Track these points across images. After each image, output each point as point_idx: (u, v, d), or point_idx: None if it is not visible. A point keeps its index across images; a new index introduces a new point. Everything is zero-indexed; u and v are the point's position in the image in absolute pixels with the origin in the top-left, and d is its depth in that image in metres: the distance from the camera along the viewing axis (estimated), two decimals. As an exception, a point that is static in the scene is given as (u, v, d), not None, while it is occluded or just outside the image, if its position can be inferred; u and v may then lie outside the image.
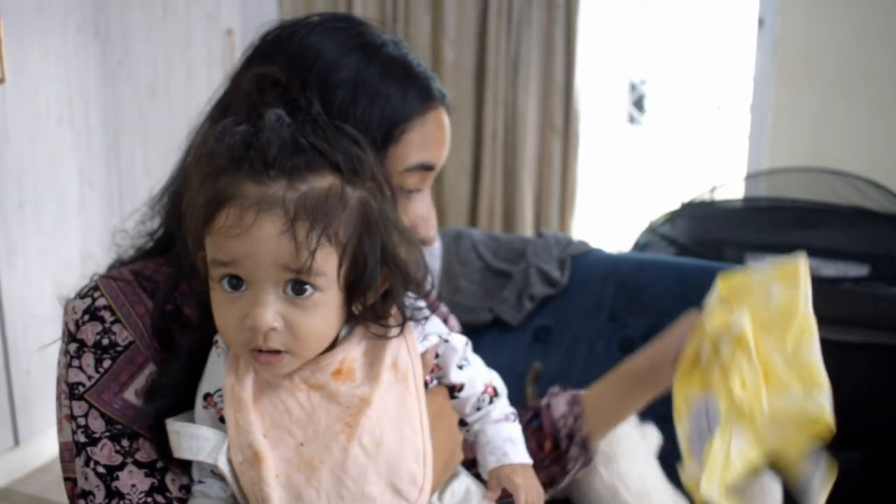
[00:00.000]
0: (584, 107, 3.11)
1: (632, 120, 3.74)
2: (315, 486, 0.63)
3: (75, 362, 0.74)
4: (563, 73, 3.07)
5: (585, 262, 1.50)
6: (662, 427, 1.31)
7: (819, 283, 2.20)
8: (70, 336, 0.75)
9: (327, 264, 0.62)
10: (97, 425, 0.72)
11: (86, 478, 0.72)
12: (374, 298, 0.66)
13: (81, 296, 0.78)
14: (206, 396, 0.68)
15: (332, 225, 0.61)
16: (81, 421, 0.73)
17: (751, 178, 2.65)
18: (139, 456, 0.71)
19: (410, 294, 0.70)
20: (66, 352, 0.76)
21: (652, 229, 2.34)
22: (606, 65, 3.36)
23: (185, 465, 0.72)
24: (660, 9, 3.43)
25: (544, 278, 1.57)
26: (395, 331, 0.68)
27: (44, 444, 2.55)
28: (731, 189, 2.56)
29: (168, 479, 0.72)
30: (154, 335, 0.74)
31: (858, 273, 2.16)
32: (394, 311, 0.69)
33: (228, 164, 0.62)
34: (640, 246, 2.30)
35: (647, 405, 1.34)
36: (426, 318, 0.72)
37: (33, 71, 2.40)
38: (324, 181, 0.62)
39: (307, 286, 0.62)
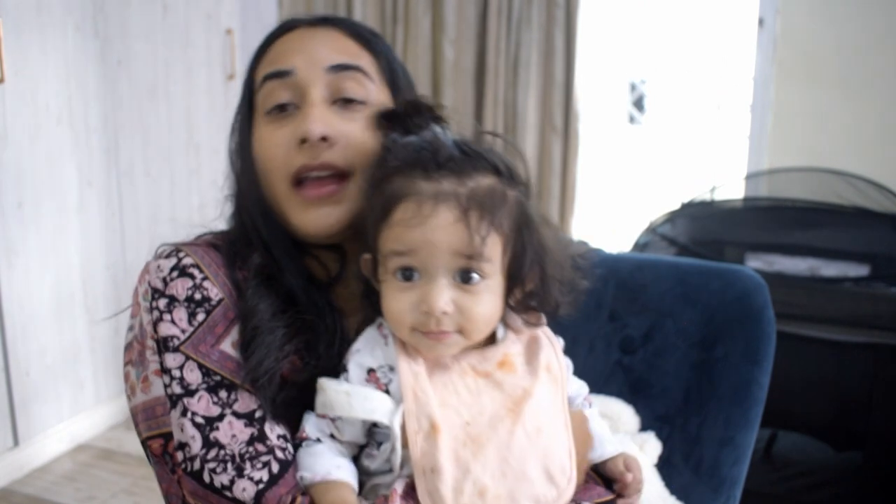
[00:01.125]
0: (584, 107, 3.10)
1: (632, 120, 3.74)
2: (482, 462, 0.69)
3: (166, 316, 0.76)
4: (563, 73, 3.06)
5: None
6: (661, 429, 1.30)
7: (819, 284, 2.21)
8: (157, 292, 0.78)
9: (494, 251, 0.70)
10: (194, 377, 0.74)
11: (182, 429, 0.73)
12: (529, 289, 0.74)
13: (164, 256, 0.81)
14: (370, 371, 0.73)
15: (498, 216, 0.70)
16: (176, 373, 0.74)
17: (751, 177, 2.65)
18: (238, 407, 0.74)
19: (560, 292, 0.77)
20: (151, 308, 0.77)
21: (652, 229, 2.34)
22: (606, 65, 3.36)
23: (282, 417, 0.75)
24: (660, 9, 3.42)
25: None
26: (544, 320, 0.78)
27: (43, 444, 2.55)
28: (731, 189, 2.56)
29: (267, 427, 0.74)
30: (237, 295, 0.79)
31: (859, 273, 2.16)
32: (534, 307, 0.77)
33: (403, 167, 0.72)
34: (640, 246, 2.30)
35: (647, 404, 1.34)
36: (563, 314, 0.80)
37: (32, 71, 2.39)
38: (486, 180, 0.72)
39: (474, 273, 0.69)
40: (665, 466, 1.27)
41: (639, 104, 3.65)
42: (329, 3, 3.36)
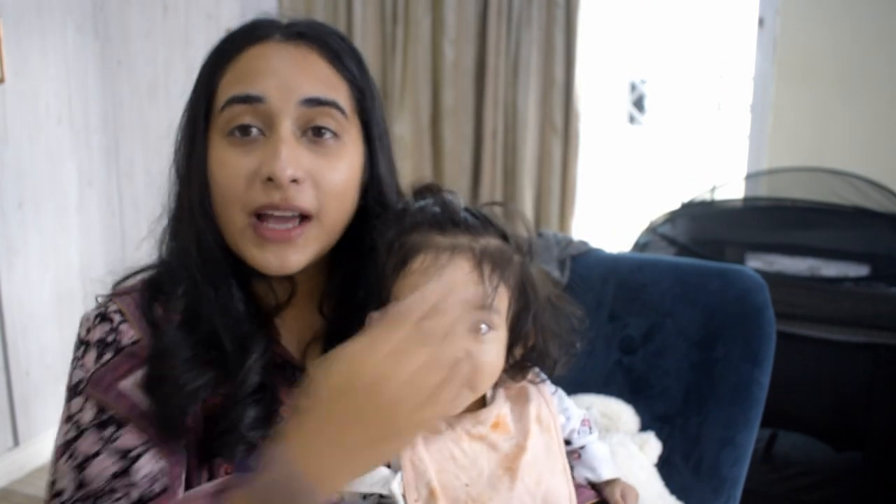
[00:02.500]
0: (584, 107, 3.10)
1: (632, 120, 3.74)
2: None
3: (78, 363, 0.77)
4: (563, 72, 3.06)
5: (585, 262, 1.49)
6: (661, 429, 1.30)
7: (819, 284, 2.20)
8: (80, 342, 0.79)
9: (502, 304, 0.74)
10: (88, 416, 0.74)
11: (63, 476, 0.73)
12: (530, 345, 0.78)
13: (95, 307, 0.82)
14: None
15: (507, 270, 0.75)
16: (76, 416, 0.74)
17: (751, 177, 2.65)
18: (118, 443, 0.73)
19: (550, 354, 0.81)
20: (73, 359, 0.78)
21: (652, 229, 2.34)
22: (606, 65, 3.36)
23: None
24: (660, 9, 3.42)
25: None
26: (540, 379, 0.80)
27: (43, 444, 2.55)
28: (731, 189, 2.55)
29: (138, 464, 0.72)
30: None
31: (859, 273, 2.16)
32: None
33: (420, 225, 0.77)
34: (640, 246, 2.30)
35: (647, 404, 1.34)
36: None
37: (33, 71, 2.39)
38: (494, 240, 0.77)
39: (483, 325, 0.73)
40: (665, 466, 1.27)
41: (639, 104, 3.64)
42: (329, 2, 3.36)
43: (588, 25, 3.05)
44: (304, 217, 0.76)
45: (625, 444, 1.24)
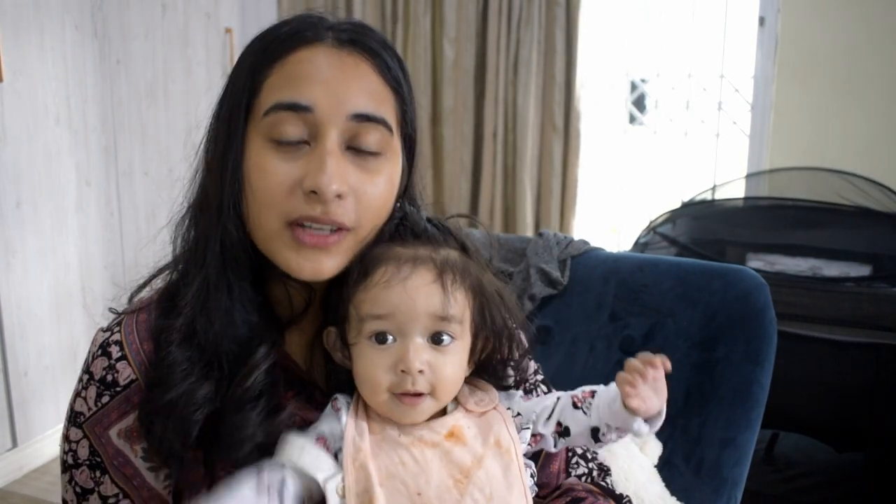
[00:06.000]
0: (585, 106, 3.10)
1: (632, 120, 3.73)
2: None
3: (83, 392, 0.80)
4: (564, 72, 3.06)
5: (586, 262, 1.49)
6: (662, 429, 1.29)
7: (821, 284, 2.20)
8: (86, 366, 0.81)
9: (464, 313, 0.75)
10: (83, 453, 0.79)
11: (66, 491, 0.81)
12: (483, 355, 0.79)
13: (106, 329, 0.83)
14: (319, 437, 0.74)
15: (467, 280, 0.75)
16: (73, 446, 0.80)
17: (752, 177, 2.65)
18: (101, 489, 0.78)
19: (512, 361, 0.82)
20: (80, 378, 0.81)
21: (652, 229, 2.34)
22: (607, 64, 3.35)
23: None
24: (660, 9, 3.41)
25: (545, 278, 1.56)
26: (495, 391, 0.80)
27: (42, 445, 2.54)
28: (732, 188, 2.55)
29: None
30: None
31: (860, 273, 2.15)
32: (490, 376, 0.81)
33: (381, 239, 0.78)
34: (640, 246, 2.29)
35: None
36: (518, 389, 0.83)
37: (31, 70, 2.39)
38: (454, 252, 0.78)
39: (445, 336, 0.73)
40: (666, 467, 1.27)
41: (639, 104, 3.64)
42: (329, 2, 3.35)
43: (588, 25, 3.05)
44: (342, 227, 0.75)
45: (625, 445, 1.23)
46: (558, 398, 0.81)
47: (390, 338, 0.73)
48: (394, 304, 0.72)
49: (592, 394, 0.81)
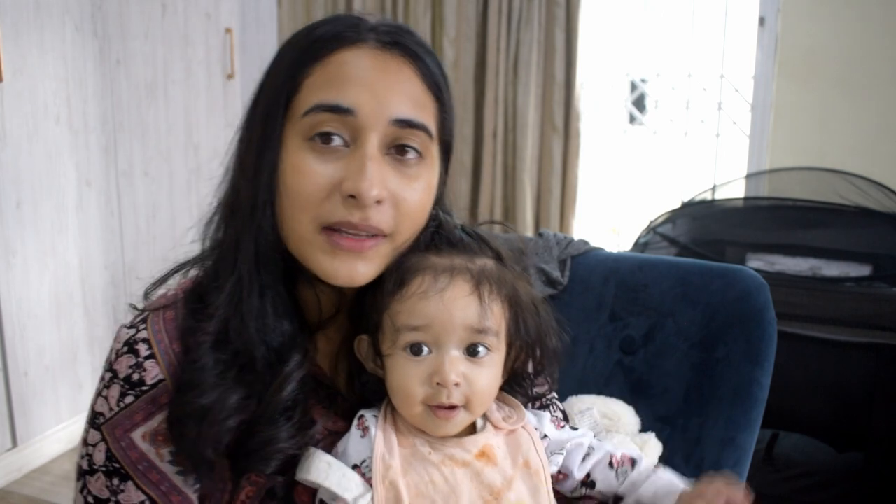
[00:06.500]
0: (585, 106, 3.10)
1: (632, 119, 3.73)
2: None
3: (104, 392, 0.76)
4: (564, 72, 3.06)
5: (585, 262, 1.48)
6: (662, 429, 1.30)
7: (821, 284, 2.19)
8: (108, 364, 0.77)
9: (500, 324, 0.74)
10: (99, 458, 0.75)
11: (77, 501, 0.76)
12: (518, 366, 0.78)
13: (130, 325, 0.78)
14: (355, 467, 0.73)
15: (503, 291, 0.75)
16: (90, 450, 0.75)
17: (752, 177, 2.64)
18: (122, 497, 0.74)
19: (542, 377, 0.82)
20: (101, 377, 0.77)
21: (652, 229, 2.34)
22: (607, 64, 3.35)
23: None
24: (660, 8, 3.42)
25: (545, 278, 1.56)
26: (524, 408, 0.79)
27: (42, 445, 2.54)
28: (732, 188, 2.55)
29: None
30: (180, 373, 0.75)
31: (860, 273, 2.15)
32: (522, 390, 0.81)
33: (417, 248, 0.77)
34: (640, 246, 2.29)
35: (647, 405, 1.33)
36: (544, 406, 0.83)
37: (31, 70, 2.39)
38: (490, 261, 0.77)
39: (481, 348, 0.73)
40: (666, 467, 1.27)
41: (639, 104, 3.64)
42: (329, 2, 3.35)
43: (588, 25, 3.05)
44: (379, 234, 0.73)
45: (625, 445, 1.23)
46: (591, 446, 0.81)
47: (426, 349, 0.72)
48: (430, 316, 0.71)
49: (633, 463, 0.81)
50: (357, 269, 0.73)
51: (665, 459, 1.28)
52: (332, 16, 0.78)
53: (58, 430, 2.60)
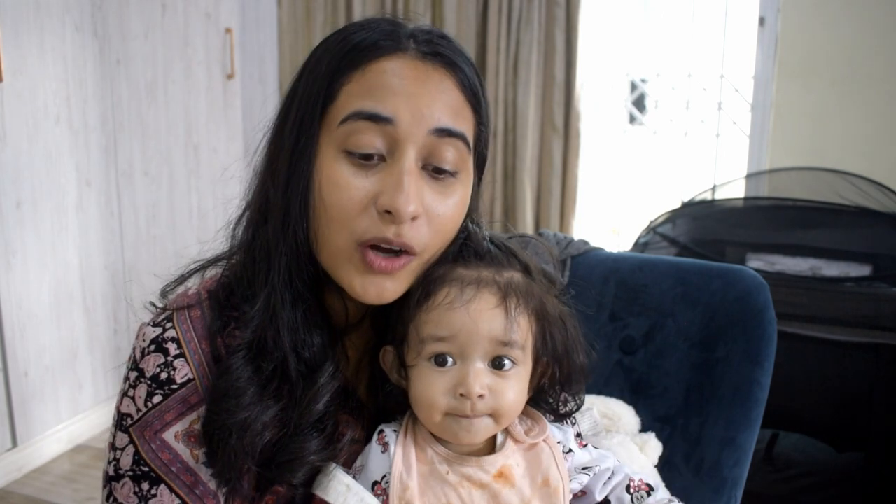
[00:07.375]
0: (585, 106, 3.10)
1: (632, 120, 3.73)
2: None
3: (130, 392, 0.74)
4: (564, 72, 3.06)
5: (585, 262, 1.48)
6: (662, 429, 1.30)
7: (821, 284, 2.19)
8: (133, 363, 0.75)
9: (527, 338, 0.74)
10: (126, 462, 0.72)
11: None
12: (543, 381, 0.78)
13: (155, 324, 0.76)
14: (375, 484, 0.73)
15: (530, 304, 0.74)
16: (118, 454, 0.73)
17: (752, 177, 2.64)
18: (153, 502, 0.71)
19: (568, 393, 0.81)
20: (126, 378, 0.75)
21: (652, 229, 2.34)
22: (607, 64, 3.35)
23: None
24: (660, 8, 3.42)
25: (545, 278, 1.56)
26: (545, 421, 0.78)
27: (41, 445, 2.54)
28: (732, 188, 2.55)
29: None
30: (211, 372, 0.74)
31: (860, 273, 2.15)
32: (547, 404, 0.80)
33: (444, 256, 0.76)
34: (640, 246, 2.29)
35: (647, 405, 1.33)
36: (571, 420, 0.82)
37: (31, 70, 2.39)
38: (517, 274, 0.76)
39: (507, 361, 0.72)
40: (666, 467, 1.27)
41: (639, 104, 3.64)
42: (329, 2, 3.35)
43: (588, 25, 3.05)
44: (409, 251, 0.72)
45: (625, 445, 1.23)
46: (612, 469, 0.81)
47: (450, 360, 0.72)
48: (456, 327, 0.71)
49: (649, 490, 0.81)
50: (386, 288, 0.73)
51: (665, 459, 1.28)
52: (366, 20, 0.77)
53: (58, 430, 2.60)
